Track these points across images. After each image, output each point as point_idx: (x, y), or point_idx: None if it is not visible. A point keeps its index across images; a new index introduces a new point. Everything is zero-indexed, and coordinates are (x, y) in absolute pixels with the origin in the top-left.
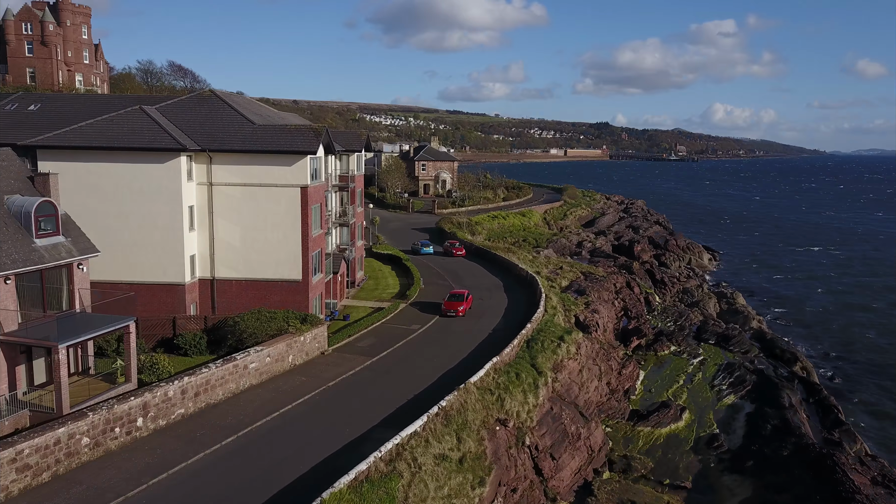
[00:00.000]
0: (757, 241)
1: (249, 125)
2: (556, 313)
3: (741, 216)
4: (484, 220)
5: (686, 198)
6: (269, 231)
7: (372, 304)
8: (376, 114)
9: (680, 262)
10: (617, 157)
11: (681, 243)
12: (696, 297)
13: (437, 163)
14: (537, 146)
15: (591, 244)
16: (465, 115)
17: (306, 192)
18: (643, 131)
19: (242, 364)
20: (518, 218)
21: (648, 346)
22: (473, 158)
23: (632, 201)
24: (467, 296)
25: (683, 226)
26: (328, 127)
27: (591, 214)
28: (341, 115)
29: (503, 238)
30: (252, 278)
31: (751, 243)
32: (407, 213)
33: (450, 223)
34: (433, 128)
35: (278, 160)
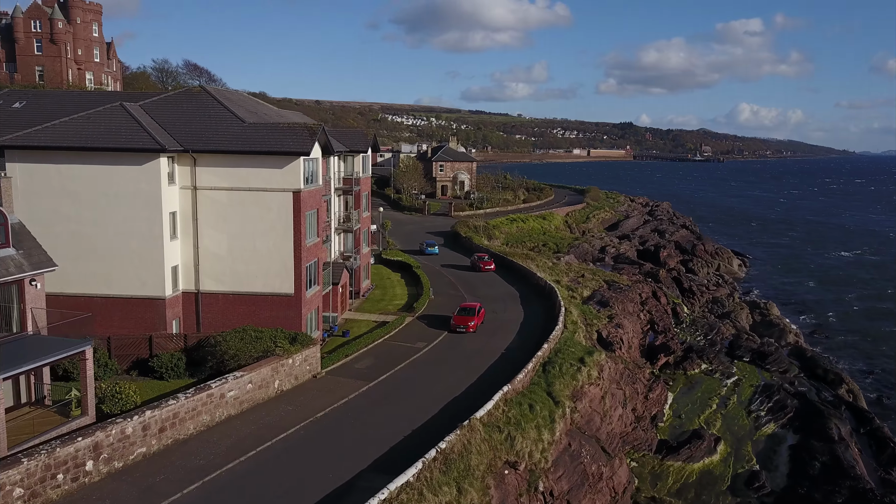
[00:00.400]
0: (787, 245)
1: (238, 123)
2: (576, 329)
3: (769, 219)
4: (502, 224)
5: (712, 199)
6: (259, 240)
7: (376, 317)
8: (398, 114)
9: (708, 268)
10: (641, 157)
11: (709, 248)
12: (727, 307)
13: (456, 163)
14: (560, 146)
15: (615, 249)
16: (488, 115)
17: (299, 197)
18: (667, 131)
19: (219, 393)
20: (538, 221)
21: (677, 364)
22: (495, 158)
23: (657, 203)
24: (479, 309)
25: (710, 229)
26: (324, 125)
27: (615, 217)
28: (363, 116)
29: (522, 243)
30: (240, 292)
31: (781, 247)
32: (422, 215)
33: (466, 227)
34: (455, 128)
35: (268, 162)
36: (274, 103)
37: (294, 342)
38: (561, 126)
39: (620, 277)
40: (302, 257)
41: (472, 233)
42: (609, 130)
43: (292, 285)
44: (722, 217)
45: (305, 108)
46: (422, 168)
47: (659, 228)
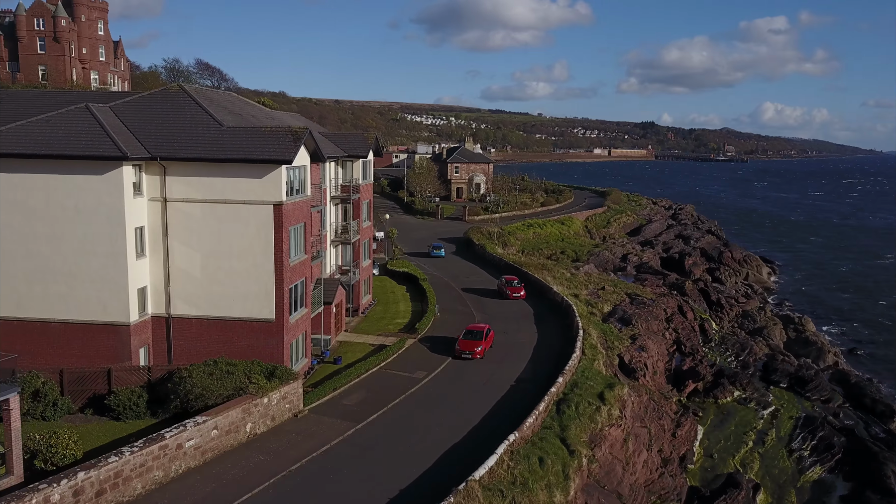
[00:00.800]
0: (818, 250)
1: (216, 127)
2: (595, 355)
3: (798, 221)
4: (518, 230)
5: (737, 201)
6: (236, 259)
7: (374, 339)
8: (417, 113)
9: (736, 277)
10: (662, 157)
11: (736, 255)
12: (759, 322)
13: (471, 165)
14: (580, 146)
15: (637, 258)
16: (508, 114)
17: (281, 211)
18: (690, 131)
19: (175, 443)
20: (556, 226)
21: (707, 391)
22: (515, 158)
23: (680, 206)
24: (487, 332)
25: (736, 233)
26: (310, 129)
27: (637, 221)
28: (382, 115)
29: (538, 250)
30: (216, 316)
31: (811, 252)
32: (435, 219)
33: (479, 233)
34: (474, 127)
35: (246, 171)
36: (294, 103)
37: (272, 377)
38: (581, 125)
39: (643, 290)
40: (284, 278)
41: (486, 240)
42: (630, 130)
43: (273, 310)
44: (747, 220)
45: (325, 108)
46: (436, 170)
47: (683, 234)
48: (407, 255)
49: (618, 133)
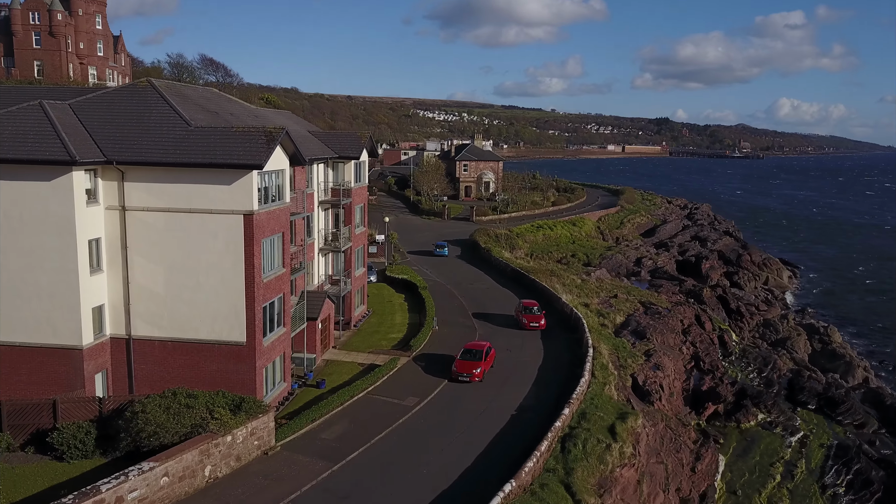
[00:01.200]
0: (839, 252)
1: (182, 127)
2: (606, 378)
3: (818, 221)
4: (527, 232)
5: (754, 200)
6: (203, 274)
7: (364, 357)
8: (430, 109)
9: (755, 281)
10: (677, 153)
11: (756, 258)
12: (781, 332)
13: (480, 163)
14: (594, 142)
15: (652, 262)
16: (521, 110)
17: (252, 221)
18: (705, 127)
19: (113, 497)
20: (567, 228)
21: (728, 413)
22: (527, 154)
23: (696, 206)
24: (487, 351)
25: (753, 234)
26: (287, 129)
27: (652, 222)
28: (394, 111)
29: (548, 253)
30: (181, 338)
31: (833, 255)
32: (442, 220)
33: (486, 236)
34: (487, 123)
35: (213, 176)
36: (306, 99)
37: (238, 410)
38: (595, 121)
39: (658, 298)
40: (256, 296)
41: (493, 243)
42: (644, 126)
43: (244, 332)
44: (767, 219)
45: (336, 104)
46: (444, 168)
47: (700, 235)
48: (410, 254)
49: (632, 129)
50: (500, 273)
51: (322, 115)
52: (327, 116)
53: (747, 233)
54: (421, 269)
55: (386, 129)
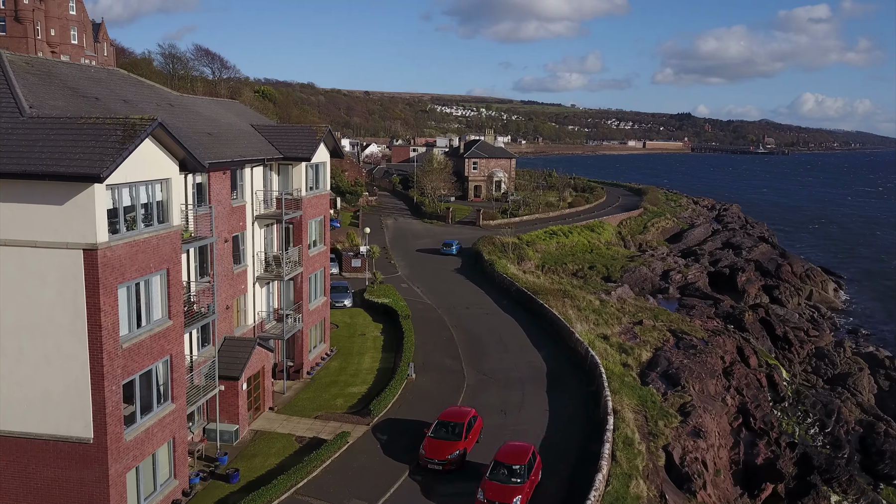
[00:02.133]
0: (884, 257)
1: (12, 116)
2: (633, 460)
3: (856, 224)
4: (539, 239)
5: (785, 199)
6: (27, 337)
7: (307, 426)
8: (448, 105)
9: (798, 296)
10: (699, 149)
11: (797, 269)
12: (839, 365)
13: (491, 160)
14: (614, 138)
15: (681, 275)
16: (540, 105)
17: (97, 259)
18: (728, 122)
19: None
20: (585, 234)
21: (791, 496)
22: (546, 150)
23: (725, 206)
24: (471, 422)
25: (787, 238)
26: (160, 120)
27: (678, 226)
28: (411, 107)
29: (562, 265)
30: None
31: (879, 262)
32: (445, 224)
33: (490, 245)
34: (505, 119)
35: (39, 191)
36: (322, 94)
37: None
38: (616, 117)
39: (692, 325)
40: (109, 371)
41: (498, 254)
42: (666, 121)
43: (90, 423)
44: (801, 221)
45: (353, 99)
46: (452, 166)
47: (732, 241)
48: (405, 263)
49: (653, 125)
50: (503, 293)
51: (338, 110)
52: (343, 111)
53: (781, 236)
54: (411, 287)
55: (402, 124)
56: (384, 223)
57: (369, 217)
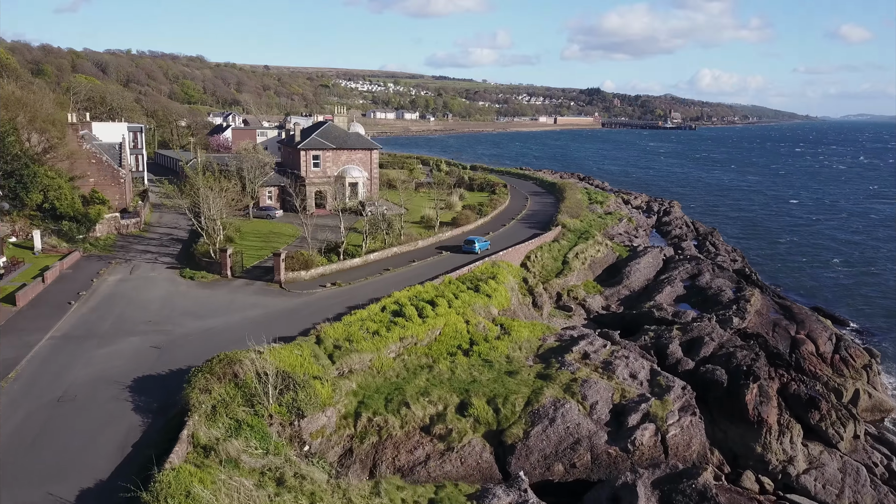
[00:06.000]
0: (869, 272)
1: None
2: None
3: (802, 215)
4: (362, 333)
5: (714, 183)
6: None
7: None
8: (354, 79)
9: (851, 420)
10: (609, 124)
11: (823, 345)
12: None
13: (342, 153)
14: (525, 113)
15: (651, 421)
16: (451, 80)
17: None
18: (636, 97)
19: None
20: (464, 301)
21: None
22: (456, 128)
23: (664, 205)
24: None
25: (738, 242)
26: None
27: (613, 252)
28: (312, 81)
29: (397, 413)
30: None
31: (862, 273)
32: (217, 282)
33: (220, 379)
34: (414, 94)
35: None
36: (209, 68)
37: None
38: (526, 92)
39: None
40: None
41: (228, 433)
42: (576, 97)
43: None
44: (747, 218)
45: (246, 73)
46: (273, 164)
47: (701, 284)
48: None
49: (563, 100)
50: None
51: (226, 85)
52: (233, 87)
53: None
54: None
55: (300, 100)
56: (97, 281)
57: (84, 266)
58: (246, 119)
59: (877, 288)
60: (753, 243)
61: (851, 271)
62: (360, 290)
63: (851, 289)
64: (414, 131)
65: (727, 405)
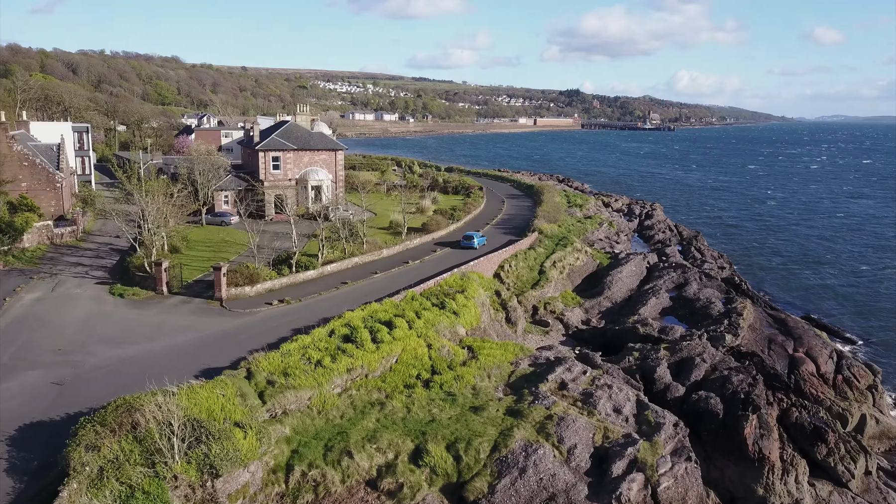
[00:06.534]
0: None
1: None
2: None
3: (778, 216)
4: (301, 365)
5: (696, 185)
6: None
7: None
8: (333, 81)
9: (862, 453)
10: (589, 125)
11: (823, 365)
12: None
13: (305, 154)
14: (505, 115)
15: (641, 473)
16: (431, 82)
17: None
18: (615, 98)
19: None
20: (427, 320)
21: None
22: (436, 129)
23: (646, 207)
24: None
25: (721, 246)
26: None
27: (593, 260)
28: (290, 83)
29: (336, 465)
30: None
31: (856, 284)
32: (150, 300)
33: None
34: (393, 95)
35: None
36: (184, 69)
37: None
38: (506, 93)
39: None
40: None
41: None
42: (556, 98)
43: None
44: (729, 219)
45: (222, 75)
46: (228, 166)
47: (688, 296)
48: None
49: (543, 101)
50: None
51: (201, 86)
52: (208, 88)
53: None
54: None
55: (277, 101)
56: (10, 301)
57: (2, 282)
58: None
59: (862, 289)
60: (737, 246)
61: (836, 272)
62: (310, 307)
63: (838, 292)
64: (393, 132)
65: (723, 439)
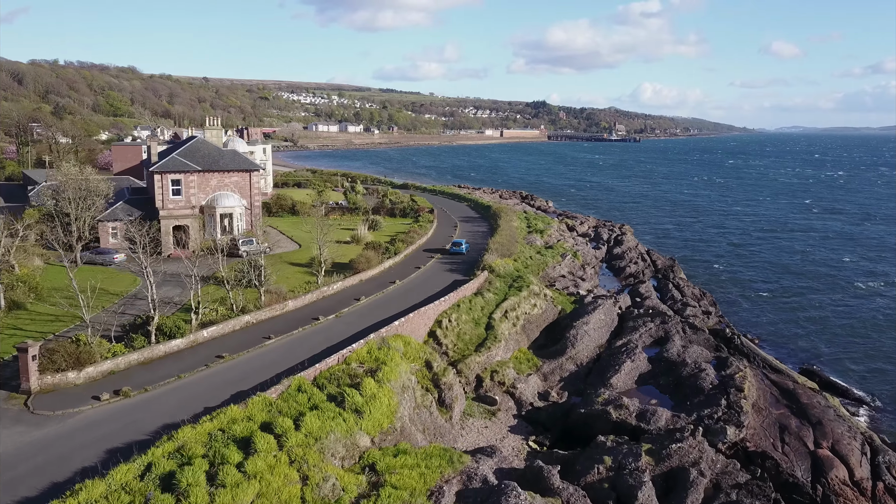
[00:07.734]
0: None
1: None
2: None
3: (768, 238)
4: None
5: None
6: None
7: None
8: (297, 92)
9: None
10: (555, 137)
11: (853, 461)
12: None
13: (213, 176)
14: (472, 126)
15: None
16: (398, 93)
17: None
18: (581, 110)
19: None
20: (307, 438)
21: None
22: (402, 141)
23: (615, 231)
24: None
25: (700, 270)
26: None
27: (553, 305)
28: (251, 93)
29: None
30: None
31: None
32: None
33: None
34: (359, 106)
35: None
36: (139, 80)
37: None
38: (473, 105)
39: None
40: None
41: None
42: (522, 109)
43: None
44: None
45: (181, 85)
46: (110, 192)
47: (671, 357)
48: None
49: (510, 113)
50: None
51: (157, 97)
52: (165, 99)
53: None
54: None
55: (237, 113)
56: None
57: None
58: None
59: (851, 317)
60: (714, 274)
61: (820, 298)
62: (155, 404)
63: (829, 323)
64: (357, 144)
65: None
